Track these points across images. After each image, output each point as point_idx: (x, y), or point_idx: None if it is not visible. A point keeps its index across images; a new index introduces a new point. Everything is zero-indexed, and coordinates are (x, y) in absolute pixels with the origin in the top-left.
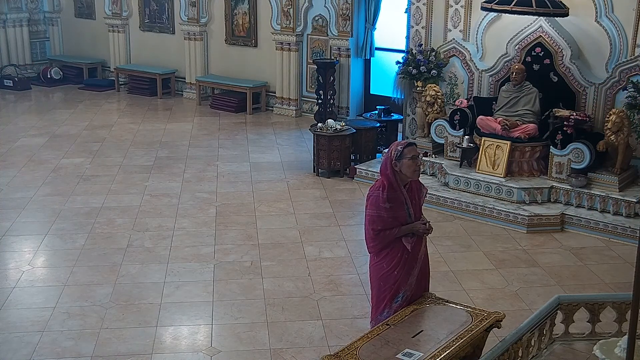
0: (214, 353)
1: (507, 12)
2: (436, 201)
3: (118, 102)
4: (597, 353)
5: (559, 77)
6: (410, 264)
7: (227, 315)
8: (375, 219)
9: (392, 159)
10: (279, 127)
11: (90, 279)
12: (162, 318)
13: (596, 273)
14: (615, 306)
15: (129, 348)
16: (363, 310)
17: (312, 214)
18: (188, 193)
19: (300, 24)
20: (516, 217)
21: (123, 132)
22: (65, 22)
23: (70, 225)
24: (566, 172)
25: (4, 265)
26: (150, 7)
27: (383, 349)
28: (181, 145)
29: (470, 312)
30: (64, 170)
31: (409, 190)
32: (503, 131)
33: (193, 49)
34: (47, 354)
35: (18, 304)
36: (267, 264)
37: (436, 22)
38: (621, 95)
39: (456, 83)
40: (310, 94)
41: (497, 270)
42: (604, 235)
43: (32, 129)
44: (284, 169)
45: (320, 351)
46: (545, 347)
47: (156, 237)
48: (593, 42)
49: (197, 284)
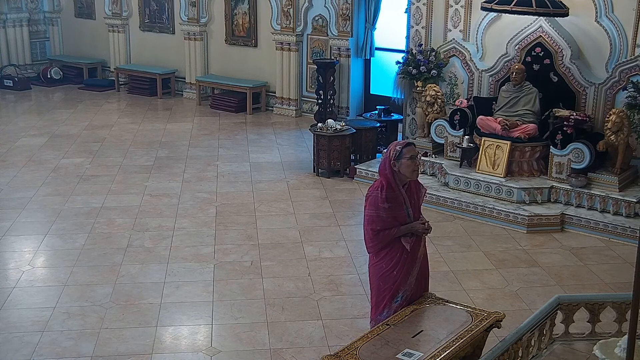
0: (214, 353)
1: (507, 12)
2: (436, 201)
3: (118, 102)
4: (597, 353)
5: (559, 77)
6: (409, 264)
7: (227, 315)
8: (374, 219)
9: (391, 159)
10: (279, 127)
11: (90, 279)
12: (162, 318)
13: (596, 273)
14: (615, 306)
15: (129, 348)
16: (363, 310)
17: (312, 214)
18: (188, 193)
19: (300, 24)
20: (516, 217)
21: (123, 132)
22: (65, 22)
23: (70, 225)
24: (566, 172)
25: (4, 265)
26: (150, 7)
27: (383, 349)
28: (181, 145)
29: (470, 312)
30: (64, 170)
31: (408, 190)
32: (503, 131)
33: (193, 49)
34: (47, 354)
35: (18, 304)
36: (267, 264)
37: (436, 22)
38: (621, 95)
39: (456, 83)
40: (310, 94)
41: (497, 270)
42: (604, 235)
43: (32, 129)
44: (284, 169)
45: (320, 351)
46: (545, 347)
47: (156, 237)
48: (593, 42)
49: (197, 284)
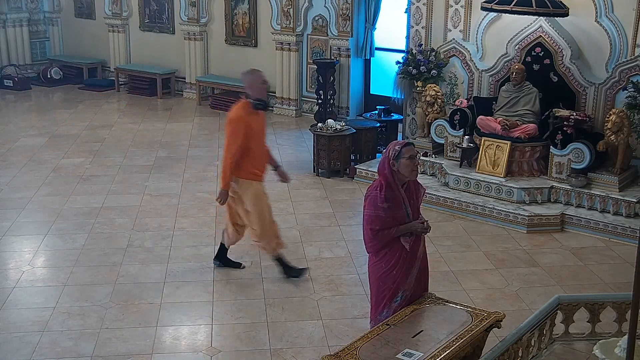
0: (214, 353)
1: (507, 12)
2: (436, 201)
3: (118, 102)
4: (597, 353)
5: (559, 77)
6: (409, 264)
7: (227, 315)
8: (373, 219)
9: (390, 159)
10: (279, 127)
11: (90, 279)
12: (162, 318)
13: (596, 273)
14: (615, 306)
15: (129, 348)
16: (363, 310)
17: (312, 214)
18: (188, 193)
19: (300, 24)
20: (516, 217)
21: (123, 132)
22: (65, 22)
23: (70, 225)
24: (566, 172)
25: (4, 265)
26: (150, 7)
27: (383, 349)
28: (181, 145)
29: (470, 312)
30: (64, 170)
31: (407, 190)
32: (503, 131)
33: (193, 49)
34: (47, 354)
35: (18, 304)
36: (267, 264)
37: (436, 22)
38: (621, 95)
39: (456, 83)
40: (310, 94)
41: (497, 270)
42: (604, 235)
43: (32, 129)
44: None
45: (320, 351)
46: (545, 347)
47: (156, 237)
48: (593, 42)
49: (197, 284)
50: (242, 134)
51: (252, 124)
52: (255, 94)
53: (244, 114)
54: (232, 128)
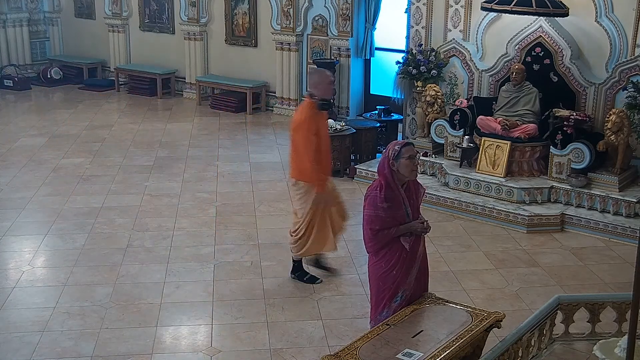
0: (214, 353)
1: (507, 12)
2: (436, 201)
3: (118, 102)
4: (597, 353)
5: (559, 77)
6: (409, 264)
7: (227, 315)
8: (373, 219)
9: (390, 159)
10: (279, 127)
11: (90, 279)
12: (162, 318)
13: (596, 273)
14: (615, 306)
15: (129, 348)
16: (363, 310)
17: None
18: (188, 193)
19: (300, 24)
20: (516, 217)
21: (123, 132)
22: (65, 22)
23: (70, 225)
24: (566, 172)
25: (4, 265)
26: (150, 7)
27: (383, 349)
28: (181, 145)
29: (470, 312)
30: (64, 170)
31: (407, 190)
32: (503, 131)
33: (193, 49)
34: (47, 354)
35: (18, 304)
36: (267, 264)
37: (436, 22)
38: (621, 95)
39: (456, 83)
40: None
41: (497, 270)
42: (604, 235)
43: (32, 129)
44: (284, 169)
45: (320, 351)
46: (545, 347)
47: (156, 237)
48: (593, 42)
49: (197, 284)
50: (314, 134)
51: (320, 124)
52: (322, 94)
53: (312, 114)
54: (304, 131)
